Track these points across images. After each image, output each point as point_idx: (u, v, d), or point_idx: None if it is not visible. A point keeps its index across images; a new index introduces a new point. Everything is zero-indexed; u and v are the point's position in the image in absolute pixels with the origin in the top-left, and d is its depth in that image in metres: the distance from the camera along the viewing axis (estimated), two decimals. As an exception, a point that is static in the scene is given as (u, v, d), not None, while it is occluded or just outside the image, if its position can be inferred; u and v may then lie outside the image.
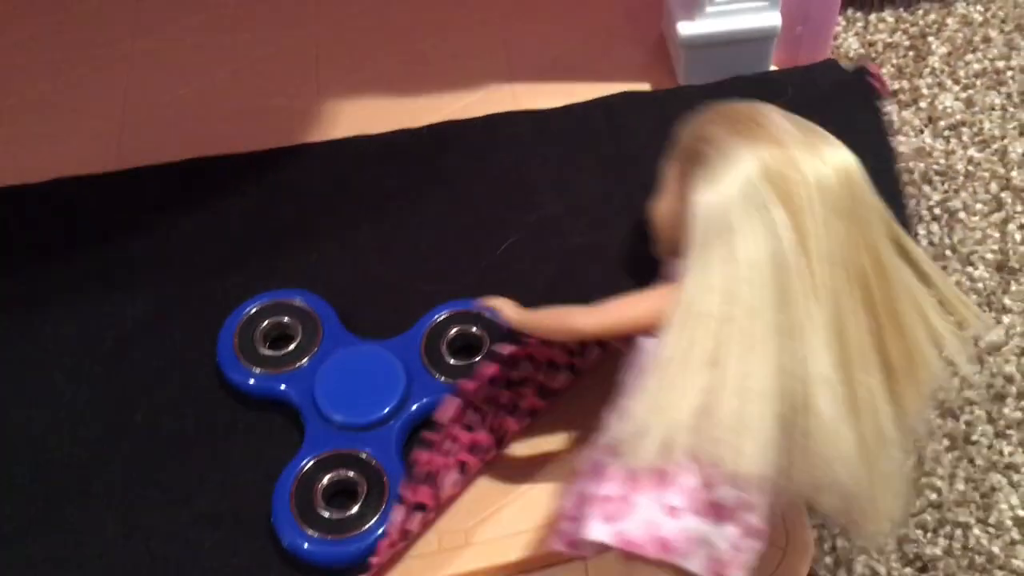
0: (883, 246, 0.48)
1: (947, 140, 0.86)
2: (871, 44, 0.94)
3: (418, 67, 0.80)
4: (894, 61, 0.93)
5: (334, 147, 0.74)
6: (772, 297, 0.46)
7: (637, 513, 0.45)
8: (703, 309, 0.46)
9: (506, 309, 0.55)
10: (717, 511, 0.45)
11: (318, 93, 0.79)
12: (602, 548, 0.46)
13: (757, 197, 0.47)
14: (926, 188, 0.83)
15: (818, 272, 0.46)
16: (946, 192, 0.83)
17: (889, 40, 0.94)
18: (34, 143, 0.76)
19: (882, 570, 0.63)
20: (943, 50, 0.93)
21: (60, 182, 0.72)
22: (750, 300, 0.46)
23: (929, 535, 0.64)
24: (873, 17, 0.96)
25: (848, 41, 0.94)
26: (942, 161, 0.85)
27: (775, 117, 0.51)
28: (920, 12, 0.96)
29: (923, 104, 0.89)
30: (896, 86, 0.91)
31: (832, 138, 0.50)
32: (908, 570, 0.63)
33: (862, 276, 0.47)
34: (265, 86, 0.80)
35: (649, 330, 0.49)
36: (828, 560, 0.64)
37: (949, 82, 0.91)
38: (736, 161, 0.48)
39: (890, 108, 0.89)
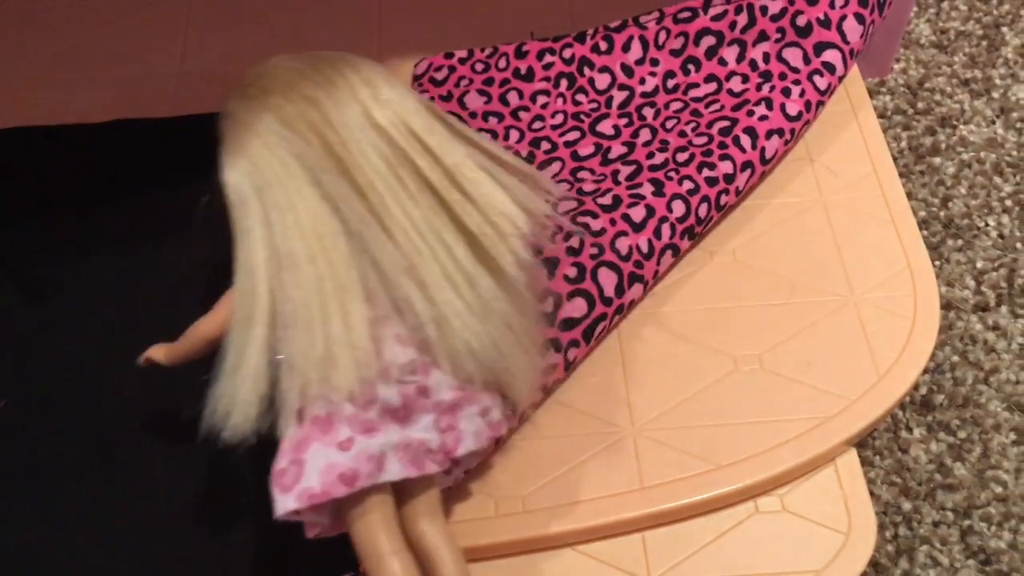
0: (430, 137, 0.49)
1: (1019, 132, 0.84)
2: (943, 31, 0.92)
3: (480, 28, 0.79)
4: (967, 50, 0.91)
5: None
6: (326, 228, 0.47)
7: (310, 466, 0.45)
8: (254, 272, 0.47)
9: (153, 354, 0.56)
10: (394, 415, 0.46)
11: (379, 51, 0.78)
12: (316, 514, 0.46)
13: (280, 148, 0.47)
14: (997, 179, 0.81)
15: (367, 187, 0.47)
16: (1018, 184, 0.81)
17: (962, 28, 0.92)
18: (94, 87, 0.76)
19: (945, 561, 0.62)
20: (1017, 41, 0.91)
21: (120, 123, 0.71)
22: (302, 244, 0.46)
23: (993, 528, 0.63)
24: (946, 4, 0.94)
25: (920, 27, 0.92)
26: (1014, 153, 0.83)
27: (284, 64, 0.51)
28: (994, 2, 0.94)
29: (995, 95, 0.87)
30: (968, 75, 0.89)
31: (348, 58, 0.51)
32: (971, 562, 0.62)
33: (415, 171, 0.48)
34: (327, 41, 0.79)
35: None
36: (890, 548, 0.62)
37: (1023, 73, 0.89)
38: (251, 123, 0.48)
39: (962, 97, 0.87)
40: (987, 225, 0.78)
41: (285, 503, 0.44)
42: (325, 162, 0.47)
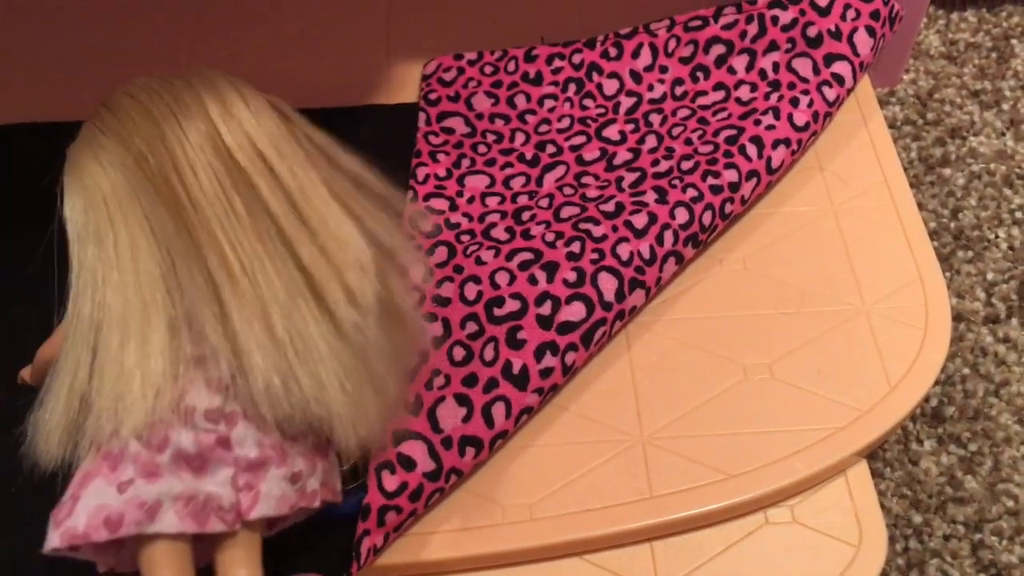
0: (279, 159, 0.47)
1: (1029, 144, 0.84)
2: (952, 43, 0.92)
3: (491, 32, 0.78)
4: (976, 62, 0.90)
5: (400, 111, 0.73)
6: (143, 254, 0.45)
7: (83, 504, 0.42)
8: (77, 299, 0.45)
9: (23, 373, 0.54)
10: (188, 462, 0.43)
11: (387, 55, 0.77)
12: (95, 552, 0.44)
13: (114, 171, 0.45)
14: (1007, 191, 0.81)
15: (190, 209, 0.45)
16: (1028, 196, 0.81)
17: (971, 40, 0.92)
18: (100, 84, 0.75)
19: (956, 574, 0.61)
20: (1027, 53, 0.91)
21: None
22: (117, 273, 0.45)
23: (1005, 542, 0.62)
24: (955, 16, 0.94)
25: (929, 38, 0.92)
26: (1024, 165, 0.83)
27: (137, 84, 0.48)
28: (1004, 14, 0.94)
29: (1005, 107, 0.87)
30: (978, 87, 0.88)
31: (206, 74, 0.49)
32: (982, 577, 0.61)
33: (254, 194, 0.46)
34: (333, 45, 0.79)
35: None
36: (900, 561, 0.61)
37: (1033, 86, 0.88)
38: (94, 146, 0.46)
39: (972, 109, 0.86)
40: (997, 237, 0.78)
41: (51, 539, 0.42)
42: (153, 183, 0.45)
